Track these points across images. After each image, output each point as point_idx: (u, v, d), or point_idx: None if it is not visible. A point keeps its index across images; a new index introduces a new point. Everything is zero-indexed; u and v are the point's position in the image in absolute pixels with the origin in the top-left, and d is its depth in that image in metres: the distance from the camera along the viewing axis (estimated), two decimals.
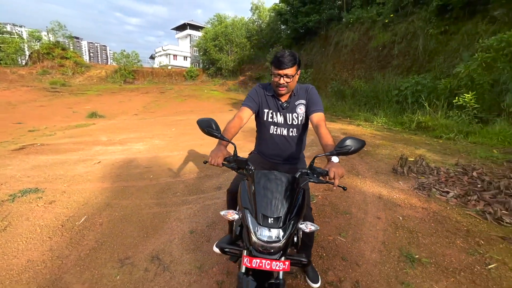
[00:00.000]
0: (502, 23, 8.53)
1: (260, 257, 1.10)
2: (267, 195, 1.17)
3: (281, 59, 1.56)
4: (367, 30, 13.82)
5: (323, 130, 1.55)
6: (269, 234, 1.08)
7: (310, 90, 1.73)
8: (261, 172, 1.30)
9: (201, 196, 3.27)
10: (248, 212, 1.15)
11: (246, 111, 1.72)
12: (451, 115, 6.88)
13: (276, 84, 1.63)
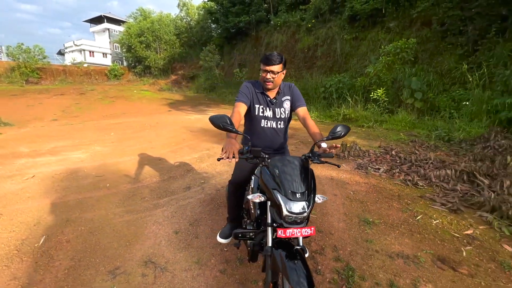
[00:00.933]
0: (395, 32, 10.71)
1: (291, 227, 1.32)
2: (291, 176, 1.39)
3: (269, 57, 1.79)
4: (293, 33, 15.14)
5: (310, 121, 1.87)
6: (297, 207, 1.31)
7: (293, 88, 2.02)
8: (277, 159, 1.51)
9: (173, 198, 3.23)
10: (277, 192, 1.35)
11: (242, 106, 1.88)
12: (368, 108, 8.34)
13: (263, 79, 1.86)
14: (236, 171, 1.94)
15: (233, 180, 1.92)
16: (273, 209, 1.40)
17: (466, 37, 8.50)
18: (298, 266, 1.21)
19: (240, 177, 1.90)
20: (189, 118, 9.12)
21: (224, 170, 4.14)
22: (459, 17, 8.63)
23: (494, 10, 7.94)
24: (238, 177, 1.88)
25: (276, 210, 1.36)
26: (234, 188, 1.92)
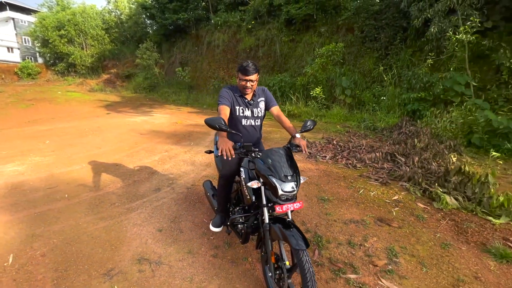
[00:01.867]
0: (325, 37, 12.09)
1: (286, 203, 1.67)
2: (280, 163, 1.73)
3: (247, 68, 2.11)
4: (234, 33, 15.50)
5: (283, 118, 2.26)
6: (289, 187, 1.66)
7: (265, 91, 2.37)
8: (267, 151, 1.83)
9: (144, 200, 3.25)
10: (272, 177, 1.67)
11: (227, 109, 2.15)
12: (309, 104, 9.32)
13: (243, 87, 2.16)
14: (225, 166, 2.17)
15: (224, 174, 2.15)
16: (269, 192, 1.72)
17: (380, 43, 10.20)
18: (294, 232, 1.58)
19: (229, 170, 2.13)
20: (134, 120, 8.64)
21: (190, 170, 4.26)
22: (373, 26, 10.29)
23: (397, 22, 9.75)
24: (228, 171, 2.12)
25: (272, 192, 1.68)
26: (225, 181, 2.15)
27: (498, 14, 7.36)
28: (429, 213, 2.96)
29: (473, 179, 3.23)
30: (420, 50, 9.12)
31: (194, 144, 5.73)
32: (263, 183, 1.76)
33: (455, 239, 2.51)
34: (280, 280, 1.65)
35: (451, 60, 7.47)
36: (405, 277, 2.03)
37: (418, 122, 6.54)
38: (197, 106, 12.96)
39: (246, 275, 2.05)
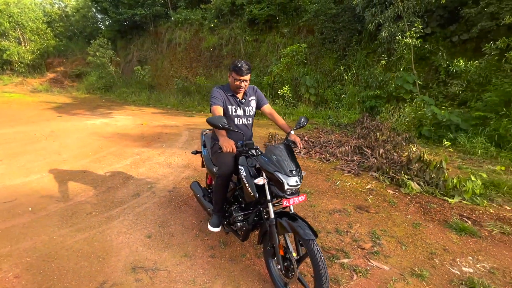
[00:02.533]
0: (288, 37, 12.50)
1: (292, 197, 1.74)
2: (283, 159, 1.79)
3: (242, 69, 2.13)
4: (196, 32, 15.15)
5: (276, 115, 2.34)
6: (293, 181, 1.73)
7: (256, 90, 2.42)
8: (270, 147, 1.88)
9: (124, 207, 3.06)
10: (278, 172, 1.73)
11: (220, 108, 2.15)
12: (277, 103, 9.57)
13: (237, 86, 2.19)
14: (222, 165, 2.13)
15: (222, 173, 2.11)
16: (274, 187, 1.78)
17: (338, 44, 10.88)
18: (301, 223, 1.67)
19: (227, 170, 2.10)
20: (93, 123, 7.96)
21: (167, 172, 4.11)
22: (332, 28, 10.93)
23: (353, 26, 10.51)
24: (226, 170, 2.10)
25: (278, 187, 1.74)
26: (223, 181, 2.13)
27: (435, 21, 8.39)
28: (399, 198, 3.31)
29: (430, 165, 3.69)
30: (373, 52, 9.97)
31: (166, 146, 5.51)
32: (268, 179, 1.81)
33: (422, 219, 2.86)
34: (289, 271, 1.72)
35: (400, 61, 8.31)
36: (389, 256, 2.27)
37: (378, 117, 7.17)
38: (161, 107, 12.40)
39: (247, 271, 2.08)
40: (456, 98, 7.07)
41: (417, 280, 1.99)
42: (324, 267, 1.51)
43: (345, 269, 2.10)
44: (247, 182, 1.90)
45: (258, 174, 1.94)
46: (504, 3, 6.67)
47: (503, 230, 2.61)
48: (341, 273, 2.06)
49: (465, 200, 3.20)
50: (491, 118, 5.47)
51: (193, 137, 6.29)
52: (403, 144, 5.27)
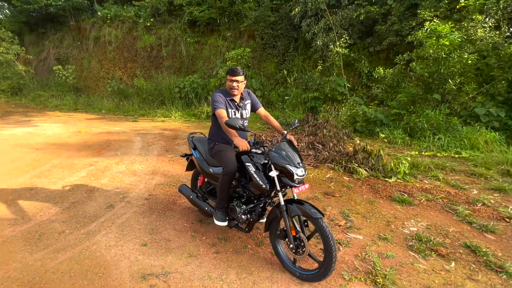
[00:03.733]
0: (230, 41, 12.82)
1: (299, 186, 2.03)
2: (292, 153, 2.06)
3: (234, 70, 2.37)
4: (130, 30, 14.05)
5: (271, 117, 2.60)
6: (301, 171, 2.02)
7: (251, 94, 2.63)
8: (278, 145, 2.13)
9: (102, 220, 2.85)
10: (288, 165, 1.99)
11: (225, 112, 2.31)
12: None
13: (230, 87, 2.38)
14: (228, 164, 2.25)
15: (228, 171, 2.23)
16: (285, 178, 2.04)
17: (278, 50, 11.75)
18: (308, 206, 1.99)
19: (233, 167, 2.24)
20: (11, 133, 6.67)
21: (135, 181, 3.90)
22: (271, 34, 11.72)
23: (290, 33, 11.52)
24: (232, 168, 2.24)
25: (288, 178, 2.01)
26: (229, 178, 2.26)
27: (356, 34, 9.94)
28: (353, 183, 3.99)
29: (372, 154, 4.54)
30: (309, 58, 11.14)
31: (121, 154, 5.13)
32: (279, 172, 2.06)
33: (374, 197, 3.56)
34: (299, 248, 2.02)
35: (332, 67, 9.57)
36: (360, 228, 2.81)
37: (321, 116, 8.12)
38: (93, 112, 11.11)
39: (254, 259, 2.30)
40: (376, 98, 8.59)
41: (384, 242, 2.56)
42: (333, 239, 1.86)
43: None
44: (257, 177, 2.12)
45: (263, 169, 2.18)
46: (404, 23, 8.44)
47: (428, 198, 3.48)
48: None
49: (399, 179, 4.09)
50: (404, 114, 6.88)
51: (148, 142, 5.98)
52: (344, 139, 6.20)
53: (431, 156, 5.20)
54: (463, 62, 6.11)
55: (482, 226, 2.81)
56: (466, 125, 6.22)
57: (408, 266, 2.21)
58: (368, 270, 2.15)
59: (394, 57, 9.15)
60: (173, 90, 11.43)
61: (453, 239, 2.61)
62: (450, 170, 4.48)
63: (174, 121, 9.17)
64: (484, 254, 2.34)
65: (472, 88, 6.44)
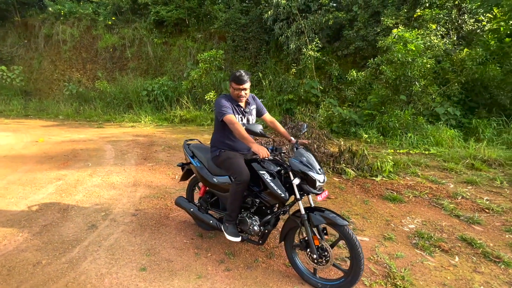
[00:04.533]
0: (200, 42, 12.46)
1: (321, 192, 1.94)
2: (313, 160, 1.96)
3: (241, 78, 2.19)
4: (88, 28, 12.90)
5: (277, 123, 2.49)
6: (322, 178, 1.93)
7: (255, 98, 2.48)
8: (298, 151, 2.01)
9: (85, 244, 2.46)
10: (310, 171, 1.89)
11: (234, 117, 2.13)
12: (205, 109, 9.43)
13: (238, 95, 2.22)
14: (241, 172, 2.08)
15: (242, 180, 2.06)
16: (306, 185, 1.93)
17: (250, 52, 11.72)
18: (328, 213, 1.91)
19: (246, 176, 2.07)
20: None
21: (116, 194, 3.50)
22: (242, 37, 11.65)
23: (261, 36, 11.56)
24: (245, 177, 2.06)
25: (310, 184, 1.91)
26: (243, 187, 2.08)
27: (324, 38, 10.32)
28: (344, 183, 4.06)
29: (357, 154, 4.68)
30: (281, 61, 11.29)
31: (93, 165, 4.60)
32: (300, 179, 1.95)
33: (367, 196, 3.65)
34: (322, 257, 1.93)
35: (305, 70, 9.80)
36: (363, 230, 2.83)
37: (299, 118, 8.23)
38: (49, 118, 9.95)
39: (268, 273, 2.16)
40: (346, 100, 8.98)
41: (390, 242, 2.60)
42: (360, 246, 1.81)
43: (342, 248, 2.49)
44: (274, 185, 1.99)
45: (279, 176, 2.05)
46: (369, 29, 8.96)
47: (414, 194, 3.67)
48: (341, 252, 2.43)
49: (385, 177, 4.26)
50: (375, 115, 7.27)
51: (122, 151, 5.47)
52: (324, 139, 6.34)
53: (405, 154, 5.54)
54: (425, 67, 6.64)
55: (469, 219, 3.02)
56: (429, 124, 6.77)
57: (419, 265, 2.27)
58: (385, 273, 2.14)
59: (360, 60, 9.72)
60: (140, 93, 10.73)
61: (449, 233, 2.75)
62: (425, 166, 4.80)
63: (145, 126, 8.57)
64: (480, 246, 2.50)
65: (434, 90, 7.05)
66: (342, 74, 9.50)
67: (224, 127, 2.27)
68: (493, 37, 7.46)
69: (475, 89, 7.31)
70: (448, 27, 8.43)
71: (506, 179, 4.12)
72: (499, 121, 6.46)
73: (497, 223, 2.95)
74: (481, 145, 5.33)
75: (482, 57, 6.90)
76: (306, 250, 1.99)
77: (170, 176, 4.18)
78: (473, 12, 8.57)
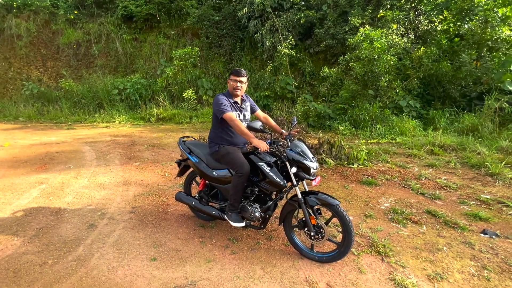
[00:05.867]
0: (173, 39, 12.21)
1: (315, 178, 2.20)
2: (306, 150, 2.21)
3: (239, 71, 2.41)
4: (47, 22, 11.98)
5: (270, 119, 2.69)
6: (316, 165, 2.19)
7: (248, 97, 2.67)
8: (294, 143, 2.24)
9: (88, 242, 2.50)
10: (305, 160, 2.13)
11: (234, 114, 2.30)
12: (183, 106, 9.33)
13: (234, 86, 2.41)
14: (242, 165, 2.26)
15: (244, 172, 2.24)
16: (302, 173, 2.18)
17: (224, 49, 11.77)
18: (321, 195, 2.19)
19: (246, 168, 2.26)
20: None
21: (108, 194, 3.49)
22: (216, 34, 11.66)
23: (236, 33, 11.66)
24: (246, 169, 2.25)
25: (305, 172, 2.16)
26: (244, 179, 2.26)
27: (297, 36, 10.74)
28: (326, 172, 4.43)
29: (335, 145, 5.09)
30: (256, 58, 11.51)
31: (76, 167, 4.46)
32: (297, 167, 2.19)
33: (346, 182, 4.05)
34: (319, 233, 2.21)
35: (280, 67, 10.13)
36: (347, 210, 3.19)
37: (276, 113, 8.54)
38: (7, 120, 9.19)
39: (271, 252, 2.40)
40: (319, 95, 9.49)
41: (370, 219, 2.98)
42: (351, 222, 2.10)
43: (330, 226, 2.82)
44: (274, 175, 2.22)
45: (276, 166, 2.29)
46: (338, 28, 9.52)
47: (387, 178, 4.14)
48: (331, 230, 2.75)
49: (360, 165, 4.72)
50: (347, 109, 7.83)
51: (102, 152, 5.34)
52: (303, 133, 6.72)
53: (376, 143, 6.11)
54: (389, 63, 7.30)
55: (432, 195, 3.53)
56: (394, 116, 7.48)
57: (396, 235, 2.66)
58: (369, 243, 2.50)
59: (331, 58, 10.29)
60: (111, 92, 10.29)
61: (417, 208, 3.22)
62: (393, 153, 5.37)
63: (120, 126, 8.30)
64: (441, 216, 2.98)
65: (397, 85, 7.77)
66: (315, 70, 9.98)
67: (223, 124, 2.44)
68: (444, 37, 8.39)
69: (431, 84, 8.19)
70: (407, 27, 9.27)
71: (458, 161, 4.79)
72: (451, 112, 7.33)
73: (453, 197, 3.49)
74: (438, 133, 6.06)
75: (436, 55, 7.75)
76: (304, 229, 2.27)
77: (160, 174, 4.22)
78: (427, 13, 9.53)
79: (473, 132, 6.27)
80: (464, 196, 3.50)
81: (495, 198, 3.40)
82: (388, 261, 2.28)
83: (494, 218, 2.95)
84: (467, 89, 7.75)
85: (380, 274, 2.12)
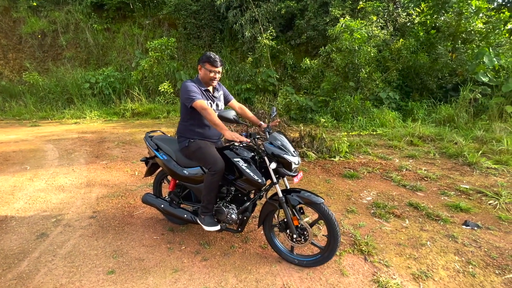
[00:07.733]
0: (148, 29, 11.58)
1: (297, 174, 1.98)
2: (287, 143, 1.98)
3: (216, 60, 2.12)
4: (6, 10, 10.96)
5: (246, 109, 2.45)
6: (297, 160, 1.96)
7: (222, 86, 2.40)
8: (272, 135, 2.00)
9: (35, 255, 2.16)
10: (285, 155, 1.90)
11: (205, 102, 2.04)
12: (159, 100, 8.85)
13: (211, 78, 2.14)
14: (216, 162, 2.01)
15: (217, 169, 1.99)
16: (282, 169, 1.96)
17: (203, 41, 11.32)
18: (304, 192, 1.98)
19: (220, 165, 2.01)
20: None
21: (67, 198, 3.12)
22: (195, 24, 11.17)
23: (215, 24, 11.23)
24: (219, 166, 2.00)
25: (286, 167, 1.94)
26: (218, 177, 2.02)
27: (277, 27, 10.49)
28: (307, 165, 4.27)
29: (316, 138, 4.94)
30: (236, 50, 11.15)
31: (33, 167, 4.02)
32: (277, 163, 1.95)
33: (328, 176, 3.90)
34: (301, 236, 2.01)
35: (261, 59, 9.86)
36: (328, 205, 3.02)
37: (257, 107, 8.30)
38: None
39: (246, 257, 2.18)
40: (301, 88, 9.34)
41: (352, 214, 2.84)
42: (337, 223, 1.91)
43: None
44: (251, 172, 1.98)
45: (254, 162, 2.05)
46: (319, 19, 9.37)
47: (368, 170, 4.04)
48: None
49: (342, 158, 4.60)
50: (329, 101, 7.73)
51: (67, 150, 4.88)
52: (285, 126, 6.54)
53: (357, 135, 6.04)
54: (369, 55, 7.23)
55: (413, 187, 3.46)
56: (374, 107, 7.46)
57: (379, 231, 2.53)
58: (352, 242, 2.35)
59: (312, 49, 10.13)
60: (82, 85, 9.60)
61: (399, 201, 3.12)
62: (374, 145, 5.31)
63: (91, 122, 7.75)
64: (424, 208, 2.89)
65: (378, 76, 7.74)
66: (296, 63, 9.80)
67: (193, 114, 2.16)
68: (422, 29, 8.45)
69: (410, 76, 8.25)
70: (386, 19, 9.26)
71: (437, 151, 4.79)
72: (429, 103, 7.41)
73: (434, 188, 3.43)
74: (417, 124, 6.08)
75: (414, 46, 7.78)
76: (286, 231, 2.06)
77: (129, 173, 3.88)
78: (405, 6, 9.57)
79: (450, 123, 6.36)
80: (444, 187, 3.45)
81: (474, 188, 3.37)
82: (371, 260, 2.13)
83: (474, 209, 2.90)
84: (444, 81, 7.87)
85: (363, 276, 1.96)
